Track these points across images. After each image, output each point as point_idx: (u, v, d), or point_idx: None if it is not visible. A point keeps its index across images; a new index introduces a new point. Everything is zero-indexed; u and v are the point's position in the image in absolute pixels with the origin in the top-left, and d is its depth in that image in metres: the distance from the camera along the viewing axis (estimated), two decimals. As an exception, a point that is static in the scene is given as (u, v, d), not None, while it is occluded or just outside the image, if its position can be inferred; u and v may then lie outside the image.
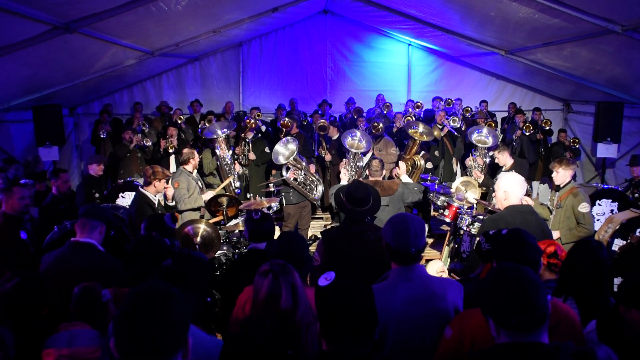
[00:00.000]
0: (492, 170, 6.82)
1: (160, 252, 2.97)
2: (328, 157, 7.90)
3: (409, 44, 10.73)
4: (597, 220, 6.53)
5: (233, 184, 6.99)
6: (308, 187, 6.61)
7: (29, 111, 7.59)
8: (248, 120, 7.73)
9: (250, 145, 7.76)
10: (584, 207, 4.87)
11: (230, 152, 7.12)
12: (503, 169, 6.11)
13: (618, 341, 2.14)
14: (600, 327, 2.29)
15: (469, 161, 7.20)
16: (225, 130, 6.89)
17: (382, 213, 4.29)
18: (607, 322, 2.28)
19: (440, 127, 8.45)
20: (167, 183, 5.25)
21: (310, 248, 7.19)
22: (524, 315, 1.61)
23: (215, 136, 6.85)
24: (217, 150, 6.90)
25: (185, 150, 6.03)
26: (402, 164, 6.05)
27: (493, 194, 4.21)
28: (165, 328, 1.32)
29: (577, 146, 8.84)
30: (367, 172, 5.15)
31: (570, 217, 4.97)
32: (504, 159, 6.17)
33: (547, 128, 8.97)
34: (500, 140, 7.87)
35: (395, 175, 6.27)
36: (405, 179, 5.60)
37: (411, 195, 4.98)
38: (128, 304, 1.35)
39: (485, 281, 1.77)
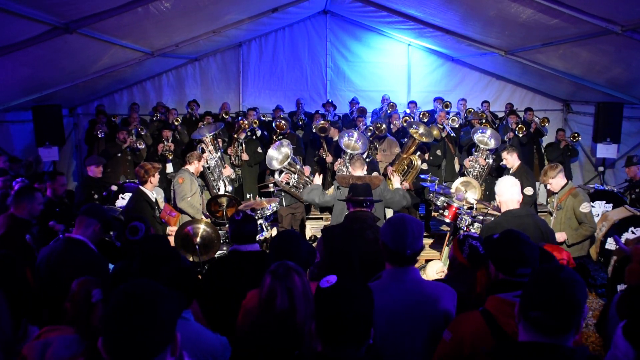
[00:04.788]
0: (499, 174, 6.73)
1: (167, 252, 2.96)
2: (329, 159, 7.83)
3: (409, 45, 10.72)
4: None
5: (223, 190, 6.96)
6: (301, 190, 6.60)
7: (29, 111, 7.60)
8: (242, 121, 7.73)
9: (244, 145, 7.75)
10: (585, 207, 4.87)
11: (218, 154, 7.08)
12: (510, 171, 5.92)
13: None
14: (627, 328, 2.25)
15: (468, 161, 7.16)
16: (212, 131, 6.90)
17: None
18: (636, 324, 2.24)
19: (441, 127, 8.43)
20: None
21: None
22: (546, 312, 1.59)
23: (203, 138, 6.87)
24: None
25: (195, 152, 6.09)
26: (396, 176, 5.73)
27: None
28: (152, 324, 1.32)
29: (580, 139, 8.78)
30: (350, 168, 5.15)
31: (571, 217, 4.96)
32: (513, 160, 5.98)
33: (545, 125, 8.96)
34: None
35: (391, 174, 6.26)
36: (397, 185, 5.37)
37: (396, 198, 4.93)
38: (115, 301, 1.36)
39: (535, 274, 1.72)
